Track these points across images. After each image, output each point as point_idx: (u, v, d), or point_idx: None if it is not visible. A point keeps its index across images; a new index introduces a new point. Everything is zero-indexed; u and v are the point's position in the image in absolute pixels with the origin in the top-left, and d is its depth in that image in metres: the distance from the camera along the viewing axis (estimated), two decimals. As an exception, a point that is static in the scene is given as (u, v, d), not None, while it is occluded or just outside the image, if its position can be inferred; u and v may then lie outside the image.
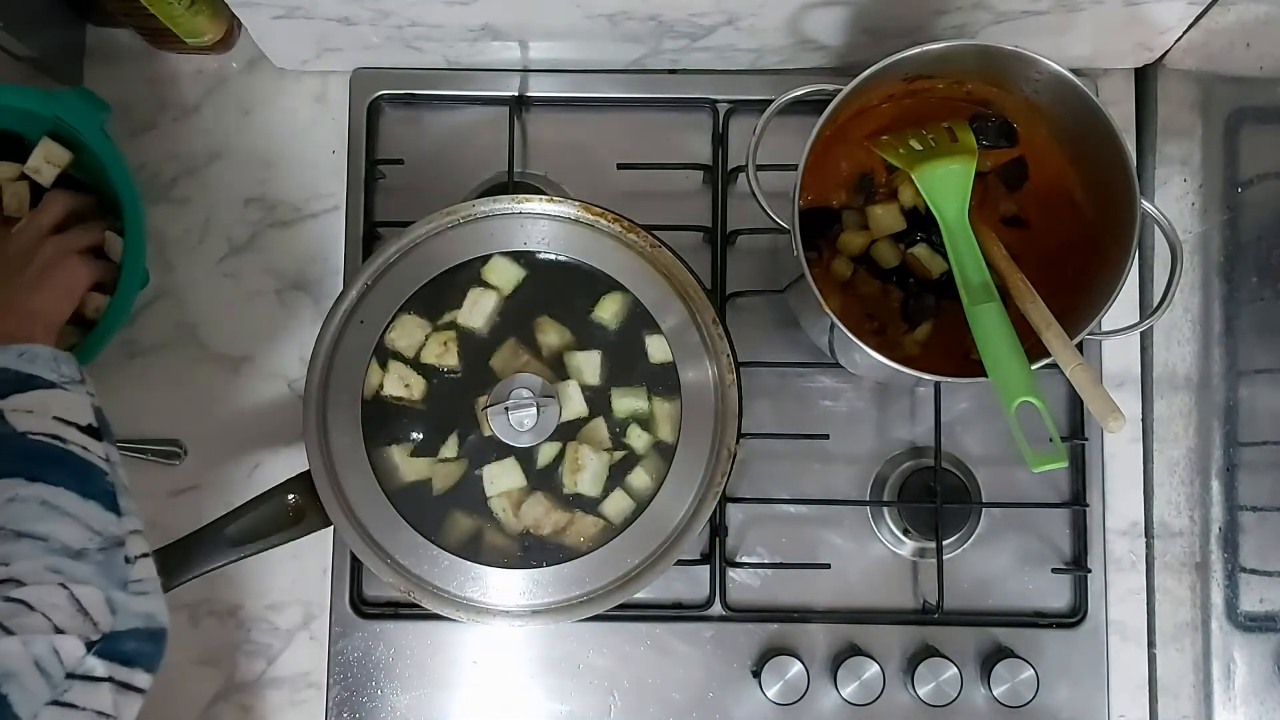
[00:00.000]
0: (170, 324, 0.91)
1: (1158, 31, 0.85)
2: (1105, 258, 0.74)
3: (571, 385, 0.73)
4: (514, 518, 0.73)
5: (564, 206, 0.75)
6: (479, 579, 0.72)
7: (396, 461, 0.73)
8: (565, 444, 0.73)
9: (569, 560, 0.72)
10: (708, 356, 0.74)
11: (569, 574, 0.72)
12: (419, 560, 0.72)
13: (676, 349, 0.74)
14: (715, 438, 0.73)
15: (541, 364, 0.74)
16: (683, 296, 0.75)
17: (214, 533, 0.72)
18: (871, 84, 0.73)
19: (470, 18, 0.83)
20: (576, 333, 0.75)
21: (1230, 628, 0.79)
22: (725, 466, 0.72)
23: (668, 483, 0.73)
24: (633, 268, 0.75)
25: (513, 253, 0.75)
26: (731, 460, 0.72)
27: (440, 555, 0.72)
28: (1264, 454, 0.76)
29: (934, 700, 0.84)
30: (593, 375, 0.74)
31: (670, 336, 0.74)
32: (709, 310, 0.74)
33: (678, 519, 0.73)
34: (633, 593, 0.71)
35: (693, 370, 0.74)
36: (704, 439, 0.73)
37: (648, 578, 0.72)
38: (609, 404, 0.74)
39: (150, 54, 0.93)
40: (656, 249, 0.75)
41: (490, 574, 0.72)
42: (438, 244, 0.76)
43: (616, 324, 0.75)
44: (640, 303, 0.74)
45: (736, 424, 0.72)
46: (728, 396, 0.73)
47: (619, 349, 0.75)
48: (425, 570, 0.72)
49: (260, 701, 0.88)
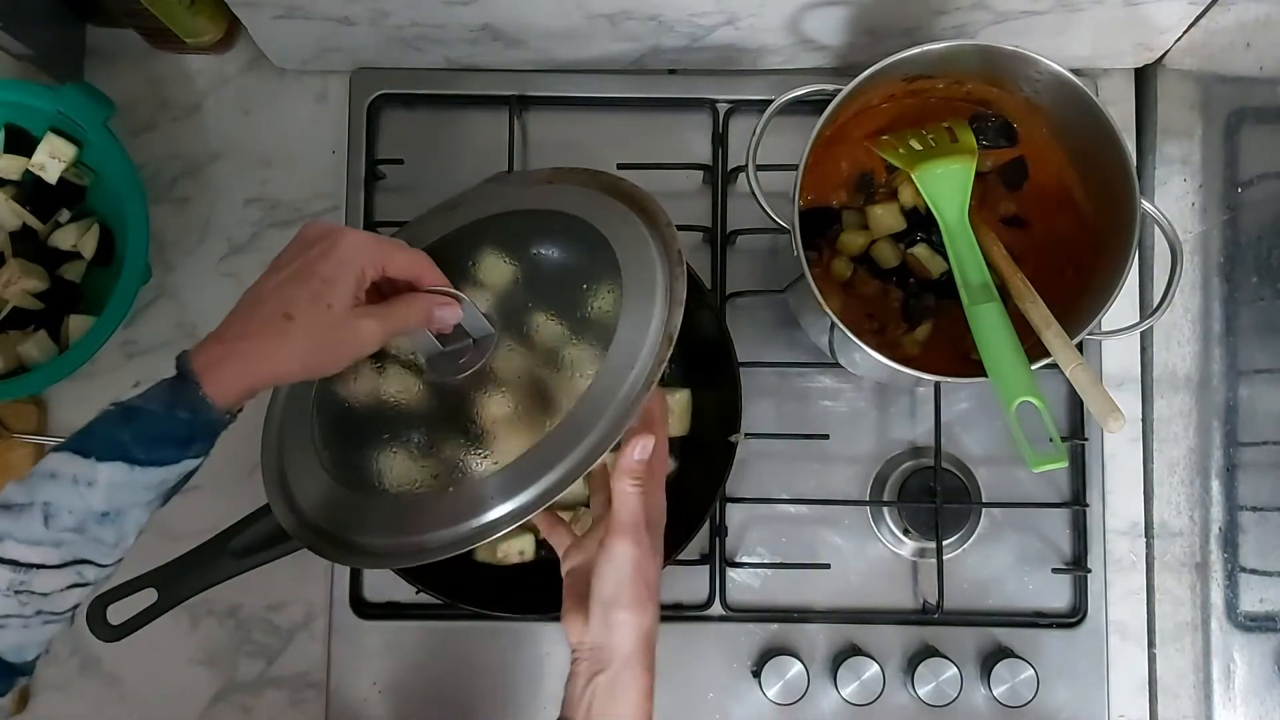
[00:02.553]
0: (170, 324, 0.91)
1: (1158, 31, 0.85)
2: (1105, 258, 0.74)
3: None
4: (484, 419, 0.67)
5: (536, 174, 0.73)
6: (461, 501, 0.65)
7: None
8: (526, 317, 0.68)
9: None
10: (657, 253, 0.68)
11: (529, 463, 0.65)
12: (382, 527, 0.67)
13: (625, 258, 0.68)
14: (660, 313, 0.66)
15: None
16: (640, 210, 0.71)
17: (217, 547, 0.71)
18: (871, 84, 0.73)
19: (470, 18, 0.83)
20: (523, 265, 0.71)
21: (1230, 628, 0.79)
22: (664, 353, 0.64)
23: (609, 357, 0.65)
24: (603, 204, 0.72)
25: (492, 229, 0.73)
26: (672, 345, 0.65)
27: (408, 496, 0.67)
28: (1264, 454, 0.76)
29: (934, 700, 0.84)
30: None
31: (621, 248, 0.69)
32: (663, 214, 0.70)
33: (625, 386, 0.65)
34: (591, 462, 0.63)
35: (641, 270, 0.68)
36: (646, 331, 0.66)
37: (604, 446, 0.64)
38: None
39: (150, 54, 0.93)
40: (620, 181, 0.73)
41: (469, 486, 0.65)
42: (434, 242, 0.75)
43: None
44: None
45: (682, 310, 0.65)
46: (675, 286, 0.66)
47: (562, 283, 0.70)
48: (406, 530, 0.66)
49: (260, 701, 0.88)
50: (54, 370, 0.83)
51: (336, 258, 0.60)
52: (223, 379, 0.59)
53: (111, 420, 0.59)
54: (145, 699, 0.88)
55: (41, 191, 0.88)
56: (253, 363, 0.59)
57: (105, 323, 0.83)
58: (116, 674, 0.88)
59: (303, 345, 0.59)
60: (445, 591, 0.81)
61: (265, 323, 0.59)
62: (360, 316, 0.61)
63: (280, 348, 0.59)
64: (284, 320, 0.59)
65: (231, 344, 0.59)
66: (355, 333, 0.61)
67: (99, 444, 0.58)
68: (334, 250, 0.60)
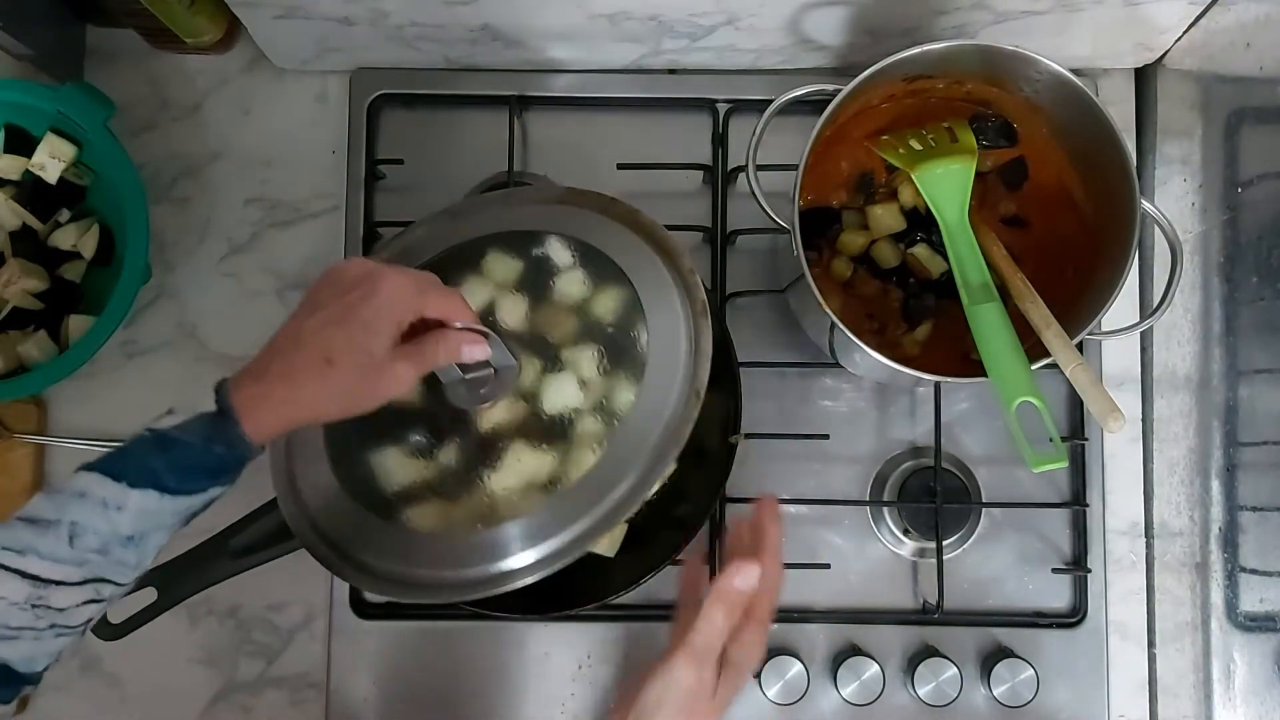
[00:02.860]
0: (170, 324, 0.91)
1: (1158, 31, 0.85)
2: (1105, 258, 0.74)
3: (568, 377, 0.70)
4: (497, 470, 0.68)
5: (550, 191, 0.74)
6: (469, 549, 0.66)
7: (375, 464, 0.70)
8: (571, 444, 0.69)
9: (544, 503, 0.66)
10: (681, 303, 0.69)
11: (555, 513, 0.65)
12: (393, 553, 0.68)
13: (648, 297, 0.69)
14: (686, 374, 0.67)
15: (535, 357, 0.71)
16: (661, 252, 0.71)
17: (217, 546, 0.72)
18: (871, 84, 0.73)
19: (470, 18, 0.83)
20: (571, 328, 0.71)
21: (1230, 628, 0.79)
22: (693, 412, 0.65)
23: (637, 408, 0.66)
24: (618, 238, 0.72)
25: (508, 247, 0.74)
26: (700, 401, 0.65)
27: (418, 538, 0.68)
28: (1264, 454, 0.76)
29: (934, 700, 0.84)
30: (590, 370, 0.70)
31: (644, 292, 0.70)
32: (684, 258, 0.71)
33: (651, 441, 0.66)
34: (630, 508, 0.64)
35: (665, 314, 0.69)
36: (675, 371, 0.67)
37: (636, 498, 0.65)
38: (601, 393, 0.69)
39: (150, 54, 0.93)
40: (636, 214, 0.73)
41: (483, 537, 0.66)
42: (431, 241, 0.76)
43: (614, 319, 0.71)
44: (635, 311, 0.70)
45: (709, 363, 0.66)
46: (700, 339, 0.67)
47: (615, 344, 0.71)
48: (407, 562, 0.67)
49: (260, 701, 0.88)
50: (54, 370, 0.83)
51: (376, 303, 0.61)
52: (261, 418, 0.60)
53: (146, 447, 0.59)
54: (145, 699, 0.88)
55: (41, 191, 0.88)
56: (293, 405, 0.60)
57: (105, 323, 0.83)
58: (116, 674, 0.88)
59: (342, 389, 0.61)
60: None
61: (306, 366, 0.60)
62: (396, 359, 0.62)
63: (320, 391, 0.60)
64: (325, 364, 0.60)
65: (272, 385, 0.60)
66: (392, 376, 0.62)
67: (132, 469, 0.58)
68: (374, 295, 0.61)
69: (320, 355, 0.60)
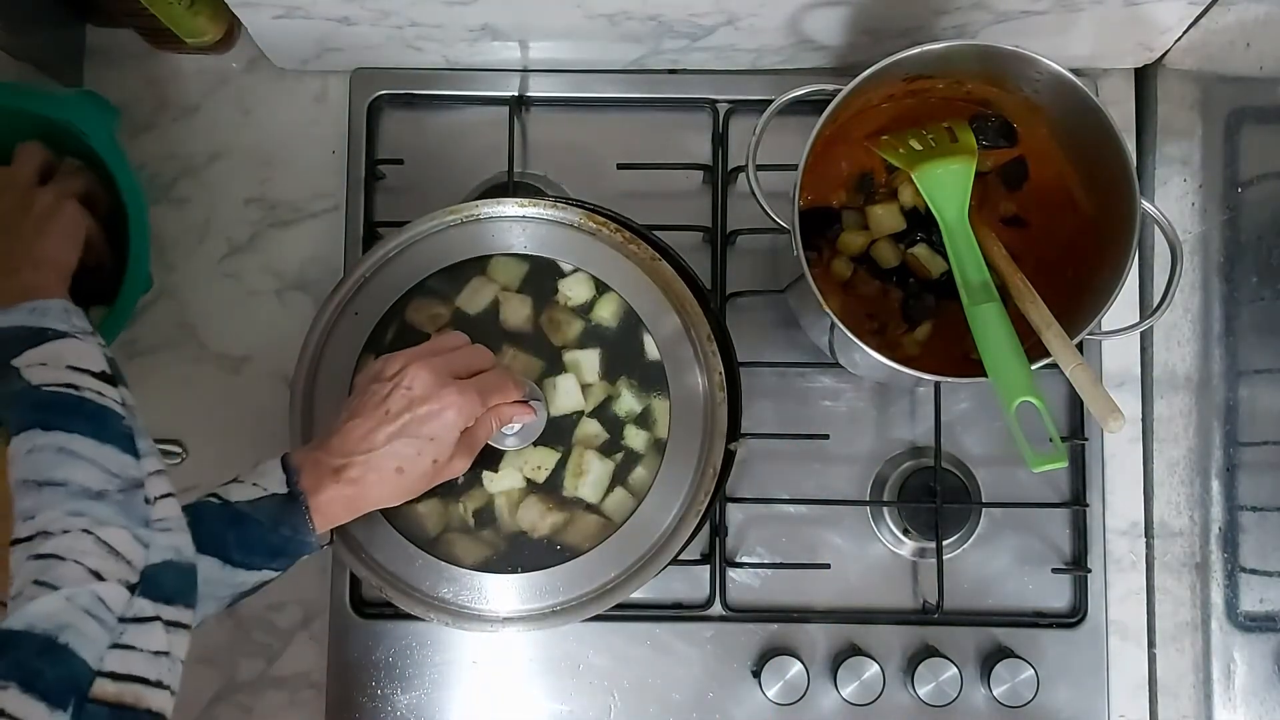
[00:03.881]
0: (170, 324, 0.91)
1: (1158, 31, 0.85)
2: (1105, 258, 0.74)
3: (569, 379, 0.74)
4: (509, 518, 0.73)
5: (566, 213, 0.75)
6: (461, 582, 0.73)
7: None
8: (571, 447, 0.73)
9: (554, 565, 0.72)
10: (700, 372, 0.74)
11: (551, 581, 0.72)
12: (400, 563, 0.73)
13: (669, 360, 0.74)
14: (702, 452, 0.73)
15: (537, 359, 0.75)
16: (679, 310, 0.74)
17: None
18: (871, 84, 0.73)
19: (470, 18, 0.83)
20: (574, 331, 0.75)
21: (1230, 628, 0.79)
22: (709, 485, 0.72)
23: (653, 493, 0.73)
24: (633, 279, 0.75)
25: (515, 255, 0.76)
26: (717, 476, 0.72)
27: (425, 559, 0.73)
28: (1264, 454, 0.76)
29: (934, 700, 0.84)
30: (591, 373, 0.74)
31: (663, 348, 0.74)
32: (704, 325, 0.74)
33: (661, 529, 0.73)
34: (610, 603, 0.72)
35: (686, 379, 0.74)
36: (691, 451, 0.73)
37: (631, 586, 0.72)
38: (604, 402, 0.74)
39: (150, 54, 0.93)
40: (656, 261, 0.75)
41: (475, 578, 0.73)
42: (438, 242, 0.76)
43: (615, 323, 0.75)
44: (635, 311, 0.75)
45: (723, 442, 0.72)
46: (716, 414, 0.73)
47: (616, 348, 0.75)
48: (408, 573, 0.73)
49: (260, 701, 0.88)
50: None
51: (445, 421, 0.66)
52: (330, 512, 0.65)
53: (218, 516, 0.63)
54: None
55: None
56: (361, 503, 0.67)
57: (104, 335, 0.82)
58: (116, 674, 0.88)
59: (408, 490, 0.67)
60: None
61: (378, 473, 0.66)
62: (456, 456, 0.68)
63: (388, 494, 0.67)
64: (396, 474, 0.66)
65: (345, 488, 0.65)
66: (450, 472, 0.69)
67: (203, 537, 0.61)
68: (443, 414, 0.66)
69: (391, 466, 0.66)
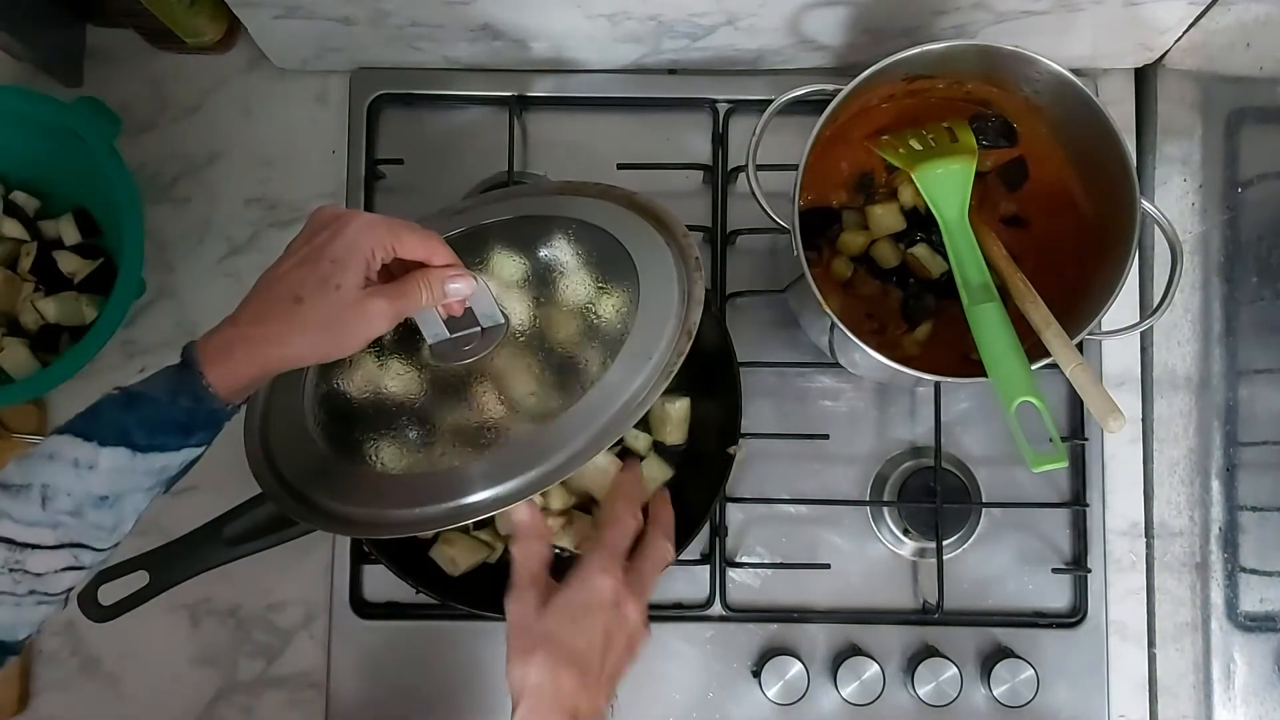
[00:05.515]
0: (170, 324, 0.91)
1: (1158, 31, 0.85)
2: (1105, 258, 0.74)
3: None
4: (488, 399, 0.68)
5: (547, 185, 0.75)
6: (441, 480, 0.65)
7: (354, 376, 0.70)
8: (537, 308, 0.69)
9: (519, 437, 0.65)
10: (674, 262, 0.70)
11: (521, 452, 0.65)
12: (360, 496, 0.67)
13: (642, 256, 0.70)
14: (678, 321, 0.67)
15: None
16: (657, 224, 0.72)
17: (211, 532, 0.72)
18: (871, 84, 0.73)
19: (470, 17, 0.83)
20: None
21: (1230, 628, 0.79)
22: (683, 346, 0.66)
23: (620, 360, 0.66)
24: (616, 216, 0.74)
25: (507, 231, 0.74)
26: (690, 340, 0.66)
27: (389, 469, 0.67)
28: (1264, 454, 0.76)
29: (934, 700, 0.84)
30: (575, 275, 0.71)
31: (638, 250, 0.71)
32: (680, 226, 0.72)
33: (630, 392, 0.65)
34: (583, 461, 0.64)
35: (658, 270, 0.70)
36: (665, 323, 0.67)
37: (599, 446, 0.64)
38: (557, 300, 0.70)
39: (150, 54, 0.93)
40: (634, 195, 0.74)
41: (450, 472, 0.65)
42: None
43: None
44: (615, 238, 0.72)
45: (699, 309, 0.67)
46: (693, 289, 0.68)
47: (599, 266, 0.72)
48: (381, 501, 0.66)
49: (260, 701, 0.88)
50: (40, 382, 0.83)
51: (345, 239, 0.60)
52: (232, 366, 0.59)
53: (115, 405, 0.59)
54: (145, 699, 0.88)
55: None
56: (262, 347, 0.59)
57: (95, 336, 0.82)
58: (116, 674, 0.88)
59: (312, 327, 0.60)
60: (444, 591, 0.81)
61: (276, 307, 0.59)
62: (370, 296, 0.61)
63: (290, 331, 0.59)
64: (293, 303, 0.59)
65: (242, 328, 0.59)
66: (364, 312, 0.61)
67: (102, 428, 0.58)
68: (342, 232, 0.61)
69: (289, 295, 0.59)
